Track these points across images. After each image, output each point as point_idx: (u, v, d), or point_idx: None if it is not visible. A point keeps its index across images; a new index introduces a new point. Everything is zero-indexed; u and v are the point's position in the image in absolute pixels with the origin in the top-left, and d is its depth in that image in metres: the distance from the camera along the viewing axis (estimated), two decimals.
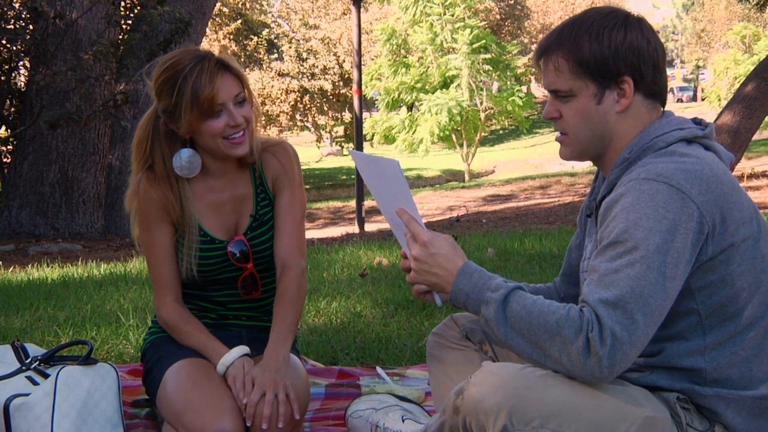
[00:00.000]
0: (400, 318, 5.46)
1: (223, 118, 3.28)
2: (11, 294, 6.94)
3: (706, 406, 2.63)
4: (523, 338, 2.51)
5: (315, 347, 4.82)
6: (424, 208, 21.75)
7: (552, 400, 2.50)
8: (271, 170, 3.53)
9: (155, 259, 3.49)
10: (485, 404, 2.52)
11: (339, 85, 39.52)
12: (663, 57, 2.69)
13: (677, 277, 2.46)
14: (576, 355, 2.40)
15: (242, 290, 3.54)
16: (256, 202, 3.52)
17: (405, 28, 38.10)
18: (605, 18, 2.68)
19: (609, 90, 2.65)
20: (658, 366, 2.63)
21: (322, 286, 6.60)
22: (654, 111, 2.70)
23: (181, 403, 3.22)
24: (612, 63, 2.62)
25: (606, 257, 2.48)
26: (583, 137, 2.73)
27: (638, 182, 2.49)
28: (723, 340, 2.60)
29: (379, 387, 3.91)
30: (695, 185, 2.47)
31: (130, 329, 5.35)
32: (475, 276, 2.62)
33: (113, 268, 8.63)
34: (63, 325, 5.55)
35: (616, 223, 2.48)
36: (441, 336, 3.24)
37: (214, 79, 3.25)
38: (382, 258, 8.00)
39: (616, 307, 2.40)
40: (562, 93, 2.71)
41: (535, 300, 2.51)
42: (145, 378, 3.55)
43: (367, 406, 3.50)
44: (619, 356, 2.38)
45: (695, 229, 2.45)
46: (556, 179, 25.77)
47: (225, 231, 3.50)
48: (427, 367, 4.29)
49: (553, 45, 2.69)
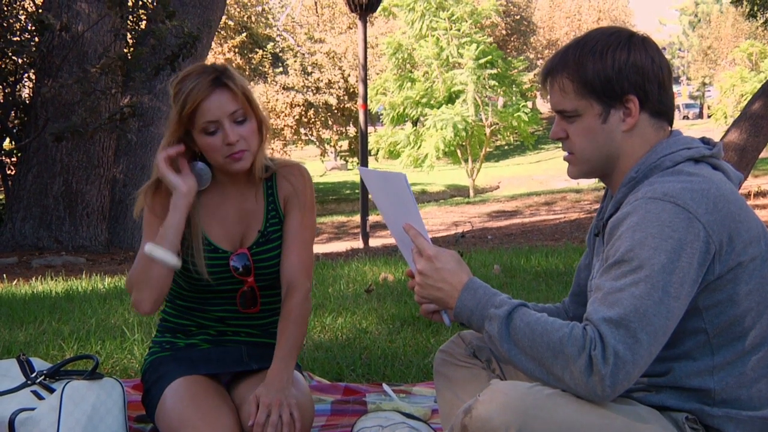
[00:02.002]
0: (406, 334, 5.46)
1: (219, 136, 3.28)
2: (15, 307, 6.94)
3: (714, 427, 2.62)
4: (526, 355, 2.52)
5: (320, 363, 4.82)
6: (429, 224, 21.75)
7: (560, 419, 2.49)
8: (284, 191, 3.55)
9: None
10: (493, 423, 2.50)
11: (344, 99, 39.59)
12: (669, 75, 2.68)
13: (682, 297, 2.45)
14: (578, 374, 2.40)
15: (240, 304, 3.53)
16: (266, 219, 3.52)
17: (411, 42, 38.22)
18: (609, 38, 2.69)
19: (614, 109, 2.66)
20: (666, 386, 2.62)
21: (327, 301, 6.60)
22: (661, 130, 2.69)
23: (179, 420, 3.23)
24: (616, 82, 2.63)
25: (611, 276, 2.48)
26: (590, 156, 2.74)
27: (644, 201, 2.49)
28: (731, 360, 2.59)
29: (386, 404, 3.91)
30: (702, 204, 2.47)
31: (135, 343, 5.35)
32: (479, 292, 2.64)
33: (117, 282, 8.63)
34: (68, 339, 5.55)
35: (621, 242, 2.48)
36: (448, 353, 3.23)
37: (206, 95, 3.26)
38: (387, 274, 7.99)
39: (620, 326, 2.40)
40: (567, 113, 2.72)
41: (538, 317, 2.52)
42: (144, 397, 3.54)
43: (374, 423, 3.50)
44: (622, 375, 2.38)
45: (701, 249, 2.45)
46: (561, 195, 25.76)
47: (229, 242, 3.50)
48: (433, 384, 4.30)
49: (558, 66, 2.71)
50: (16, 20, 13.40)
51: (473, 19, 38.43)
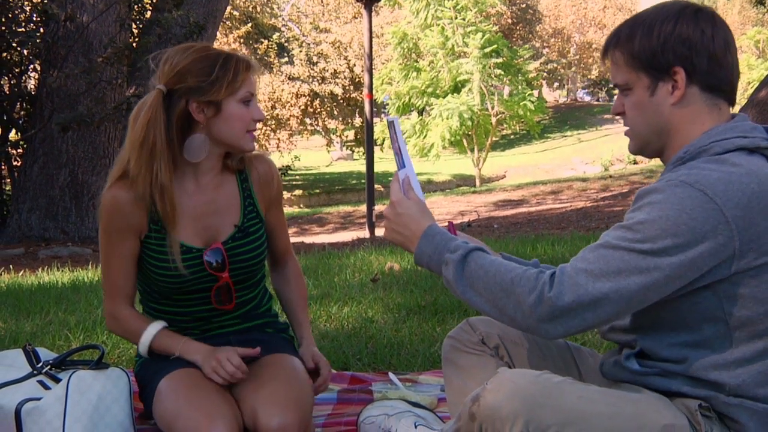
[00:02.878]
0: (412, 323, 5.45)
1: (251, 109, 3.37)
2: (22, 298, 6.95)
3: (729, 415, 2.60)
4: (480, 296, 2.59)
5: (327, 352, 4.81)
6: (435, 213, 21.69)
7: (569, 407, 2.50)
8: (264, 189, 3.62)
9: (116, 268, 3.48)
10: (502, 412, 2.51)
11: (349, 89, 39.57)
12: (724, 49, 2.63)
13: (671, 278, 2.46)
14: (528, 310, 2.48)
15: (215, 301, 3.50)
16: (243, 214, 3.53)
17: (416, 31, 38.19)
18: (659, 11, 2.69)
19: (662, 82, 2.65)
20: (681, 374, 2.61)
21: (333, 291, 6.60)
22: (715, 107, 2.65)
23: (175, 410, 3.21)
24: (661, 54, 2.62)
25: (613, 235, 2.51)
26: (641, 130, 2.74)
27: (675, 183, 2.47)
28: (751, 358, 2.56)
29: (392, 393, 3.91)
30: (733, 198, 2.43)
31: None
32: (437, 238, 2.71)
33: None
34: (74, 329, 5.55)
35: (638, 213, 2.49)
36: (457, 340, 3.23)
37: (249, 69, 3.38)
38: (393, 263, 7.99)
39: (592, 275, 2.46)
40: (621, 86, 2.74)
41: (492, 260, 2.59)
42: (141, 394, 3.55)
43: (380, 412, 3.50)
44: (570, 306, 2.44)
45: (718, 242, 2.43)
46: (567, 184, 25.72)
47: (201, 238, 3.47)
48: (439, 373, 4.31)
49: (612, 40, 2.73)
50: (21, 11, 13.41)
51: (478, 8, 38.40)
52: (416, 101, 37.80)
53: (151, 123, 3.32)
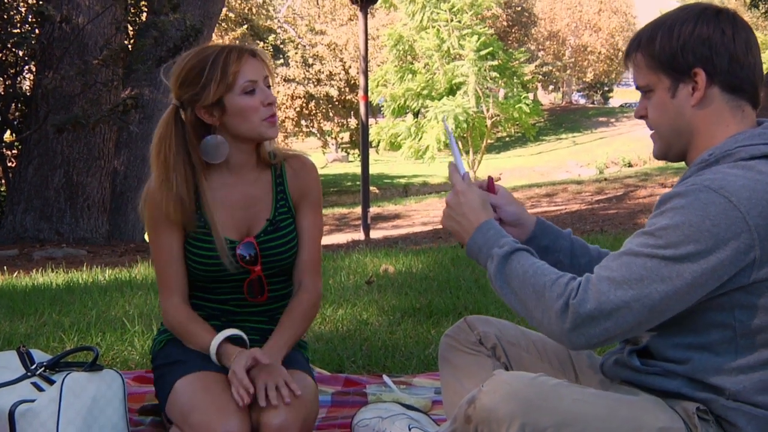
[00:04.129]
0: (407, 326, 5.45)
1: (258, 96, 3.36)
2: (16, 299, 6.95)
3: (727, 419, 2.60)
4: (514, 295, 2.62)
5: (321, 355, 4.82)
6: (430, 215, 21.77)
7: (564, 409, 2.52)
8: (298, 185, 3.61)
9: (164, 261, 3.51)
10: (498, 414, 2.52)
11: (345, 91, 39.65)
12: (745, 49, 2.64)
13: (696, 285, 2.45)
14: (554, 317, 2.49)
15: (248, 293, 3.54)
16: (275, 208, 3.55)
17: (412, 34, 38.27)
18: (680, 13, 2.70)
19: (683, 83, 2.65)
20: (683, 375, 2.62)
21: (328, 293, 6.59)
22: (738, 108, 2.64)
23: (190, 404, 3.24)
24: (681, 55, 2.63)
25: (636, 242, 2.51)
26: (664, 132, 2.74)
27: (699, 188, 2.46)
28: (754, 365, 2.55)
29: (386, 395, 3.91)
30: (758, 206, 2.43)
31: (136, 335, 5.34)
32: (490, 232, 2.74)
33: (118, 274, 8.63)
34: (68, 330, 5.55)
35: (661, 218, 2.49)
36: (454, 338, 3.23)
37: (243, 57, 3.37)
38: (388, 265, 7.99)
39: (614, 283, 2.46)
40: (642, 89, 2.74)
41: (534, 262, 2.61)
42: (155, 375, 3.57)
43: (374, 415, 3.50)
44: (593, 315, 2.45)
45: (739, 249, 2.42)
46: (562, 187, 25.75)
47: (236, 231, 3.51)
48: (434, 375, 4.31)
49: (634, 43, 2.74)
50: (17, 12, 13.41)
51: (474, 11, 38.48)
52: (412, 103, 37.86)
53: (163, 138, 3.42)
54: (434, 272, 7.43)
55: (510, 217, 3.02)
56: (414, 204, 26.51)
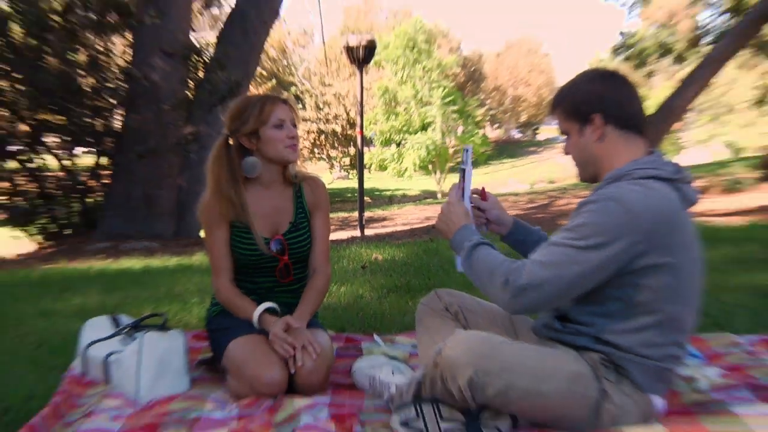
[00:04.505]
0: (391, 299, 5.44)
1: (285, 131, 3.45)
2: (108, 279, 6.93)
3: (621, 366, 2.66)
4: (476, 276, 2.70)
5: (328, 320, 4.80)
6: (408, 218, 21.69)
7: (505, 358, 2.57)
8: (312, 197, 3.68)
9: (216, 251, 3.54)
10: (457, 361, 2.58)
11: (346, 127, 39.49)
12: (627, 97, 2.73)
13: (599, 268, 2.51)
14: (500, 289, 2.58)
15: (279, 276, 3.60)
16: (296, 213, 3.63)
17: (395, 86, 38.30)
18: (581, 76, 2.80)
19: (587, 126, 2.73)
20: (589, 334, 2.67)
21: (333, 276, 6.57)
22: (629, 140, 2.73)
23: (242, 359, 3.29)
24: (582, 107, 2.73)
25: (559, 236, 2.57)
26: (580, 162, 2.81)
27: (605, 198, 2.53)
28: (639, 328, 2.62)
29: (376, 349, 3.89)
30: (646, 212, 2.49)
31: (194, 305, 5.33)
32: (465, 232, 2.84)
33: (182, 261, 8.61)
34: (145, 302, 5.54)
35: (577, 218, 2.56)
36: (427, 306, 3.29)
37: (276, 103, 3.47)
38: (377, 255, 7.98)
39: (541, 265, 2.53)
40: (563, 133, 2.82)
41: (491, 252, 2.71)
42: (211, 337, 3.62)
43: (367, 364, 3.50)
44: (525, 294, 2.53)
45: (630, 242, 2.48)
46: (504, 198, 25.64)
47: (268, 230, 3.57)
48: (412, 334, 4.30)
49: (554, 102, 2.83)
50: (110, 71, 13.42)
51: (440, 69, 38.59)
52: (395, 137, 37.91)
53: (215, 158, 3.51)
54: (411, 260, 7.41)
55: (494, 218, 3.19)
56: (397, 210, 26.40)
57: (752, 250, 6.73)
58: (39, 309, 5.41)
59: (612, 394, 2.64)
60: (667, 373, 2.69)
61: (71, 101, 12.54)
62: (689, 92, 14.94)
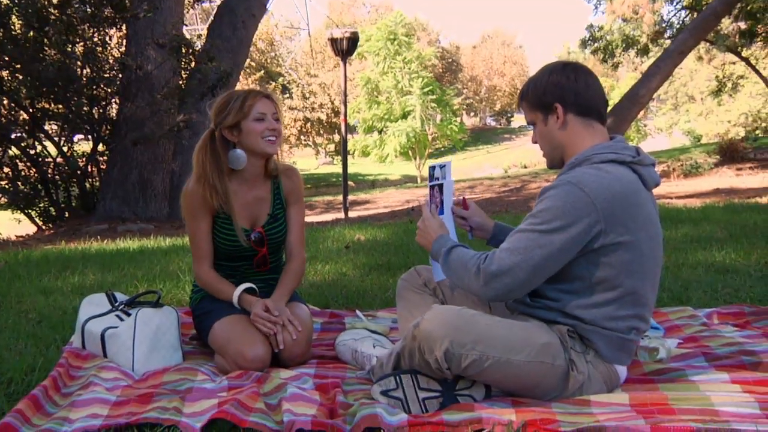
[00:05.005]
0: (373, 277, 5.45)
1: (265, 123, 3.43)
2: (106, 259, 6.90)
3: (587, 337, 2.69)
4: (452, 273, 2.73)
5: (314, 297, 4.80)
6: (389, 200, 21.73)
7: (479, 331, 2.59)
8: (288, 187, 3.67)
9: (198, 239, 3.53)
10: (434, 334, 2.59)
11: (331, 115, 39.40)
12: (585, 86, 2.74)
13: (563, 250, 2.54)
14: (473, 278, 2.62)
15: (256, 266, 3.62)
16: (273, 206, 3.62)
17: (377, 76, 38.25)
18: (542, 69, 2.83)
19: (550, 115, 2.76)
20: (556, 309, 2.71)
21: (318, 254, 6.58)
22: (589, 126, 2.75)
23: (226, 338, 3.31)
24: (544, 97, 2.75)
25: (525, 222, 2.60)
26: (546, 149, 2.84)
27: (564, 182, 2.56)
28: (602, 303, 2.66)
29: (358, 324, 3.90)
30: (602, 195, 2.51)
31: (186, 283, 5.32)
32: (442, 240, 2.87)
33: (175, 242, 8.58)
34: (140, 280, 5.51)
35: (540, 204, 2.59)
36: (407, 281, 3.33)
37: (257, 97, 3.45)
38: (360, 235, 7.98)
39: (509, 251, 2.56)
40: (530, 123, 2.86)
41: (463, 250, 2.76)
42: (196, 322, 3.63)
43: (349, 337, 3.51)
44: (497, 279, 2.57)
45: (589, 223, 2.51)
46: (480, 182, 25.75)
47: (248, 222, 3.57)
48: (392, 310, 4.31)
49: (521, 95, 2.87)
50: (106, 62, 13.33)
51: (419, 61, 38.59)
52: (377, 124, 37.93)
53: (201, 148, 3.49)
54: (392, 240, 7.42)
55: (476, 225, 3.22)
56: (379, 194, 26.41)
57: (709, 230, 6.78)
58: (39, 287, 5.39)
59: (578, 364, 2.67)
60: (629, 344, 2.72)
61: (69, 91, 12.44)
62: (652, 83, 15.03)
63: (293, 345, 3.29)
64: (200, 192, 3.44)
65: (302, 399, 2.76)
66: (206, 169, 3.43)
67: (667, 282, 4.74)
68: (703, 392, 2.68)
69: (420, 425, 2.48)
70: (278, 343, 3.26)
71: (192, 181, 3.47)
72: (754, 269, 5.01)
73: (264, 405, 2.75)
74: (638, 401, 2.62)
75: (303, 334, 3.33)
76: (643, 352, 3.19)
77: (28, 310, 4.61)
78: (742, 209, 8.49)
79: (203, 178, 3.44)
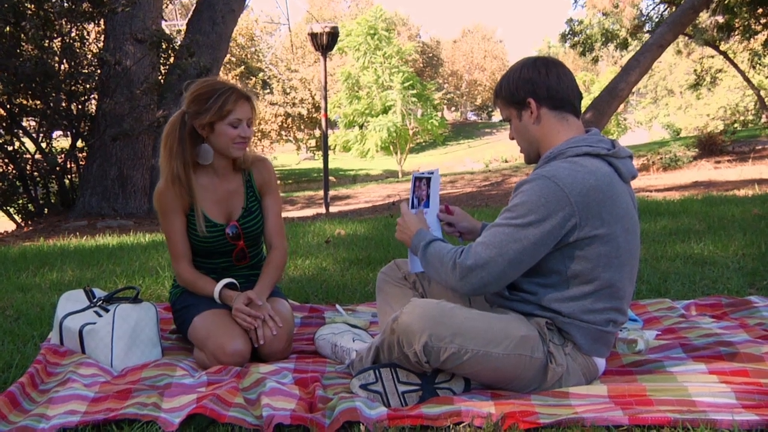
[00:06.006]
0: (353, 271, 5.44)
1: (238, 131, 3.37)
2: (84, 255, 6.86)
3: (565, 330, 2.69)
4: (430, 267, 2.74)
5: (294, 291, 4.80)
6: (371, 196, 21.74)
7: (458, 324, 2.59)
8: (260, 178, 3.63)
9: (173, 238, 3.50)
10: (413, 327, 2.59)
11: (311, 110, 39.32)
12: (557, 80, 2.73)
13: (537, 244, 2.55)
14: (450, 272, 2.63)
15: (235, 260, 3.60)
16: (247, 198, 3.59)
17: (357, 71, 38.20)
18: (515, 65, 2.82)
19: (524, 110, 2.76)
20: (533, 302, 2.72)
21: (299, 249, 6.57)
22: (564, 119, 2.75)
23: (206, 332, 3.29)
24: (516, 93, 2.75)
25: (501, 216, 2.60)
26: (522, 144, 2.84)
27: (538, 176, 2.56)
28: (579, 296, 2.67)
29: (338, 318, 3.90)
30: (576, 188, 2.52)
31: (166, 279, 5.29)
32: (420, 235, 2.86)
33: (154, 237, 8.54)
34: (119, 276, 5.49)
35: (515, 198, 2.59)
36: (387, 275, 3.32)
37: (238, 102, 3.36)
38: (340, 230, 7.97)
39: (485, 245, 2.57)
40: (505, 120, 2.84)
41: (441, 245, 2.75)
42: (176, 316, 3.60)
43: (329, 332, 3.51)
44: (473, 273, 2.58)
45: (563, 217, 2.52)
46: (461, 176, 25.83)
47: (222, 216, 3.53)
48: (372, 304, 4.31)
49: (496, 92, 2.86)
50: (84, 58, 13.23)
51: (399, 56, 38.54)
52: (358, 119, 37.90)
53: (170, 133, 3.42)
54: (373, 234, 7.42)
55: (464, 230, 3.19)
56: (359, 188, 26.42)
57: (688, 223, 6.81)
58: (17, 284, 5.35)
59: (557, 356, 2.68)
60: (607, 336, 2.73)
61: (47, 86, 12.34)
62: (632, 76, 15.08)
63: (274, 341, 3.28)
64: (171, 190, 3.40)
65: (281, 393, 2.75)
66: (173, 154, 3.37)
67: (646, 274, 4.76)
68: (680, 383, 2.70)
69: (399, 418, 2.48)
70: (258, 338, 3.26)
71: (162, 180, 3.43)
72: (732, 261, 5.04)
73: (243, 400, 2.75)
74: (616, 392, 2.63)
75: (284, 330, 3.32)
76: (621, 344, 3.21)
77: (6, 307, 4.58)
78: (720, 202, 8.54)
79: (168, 165, 3.38)
